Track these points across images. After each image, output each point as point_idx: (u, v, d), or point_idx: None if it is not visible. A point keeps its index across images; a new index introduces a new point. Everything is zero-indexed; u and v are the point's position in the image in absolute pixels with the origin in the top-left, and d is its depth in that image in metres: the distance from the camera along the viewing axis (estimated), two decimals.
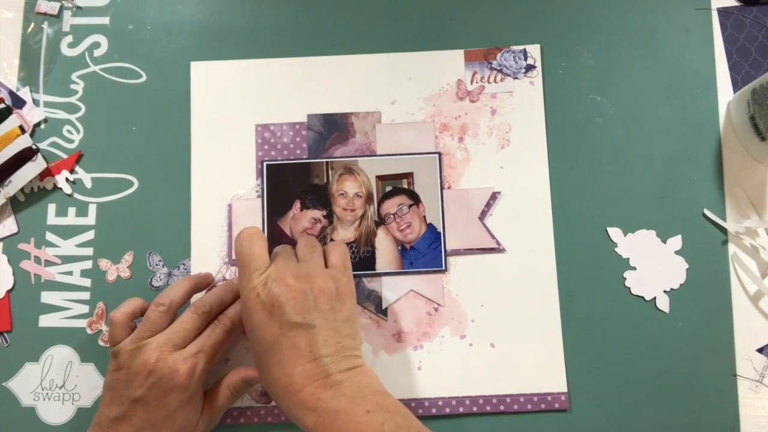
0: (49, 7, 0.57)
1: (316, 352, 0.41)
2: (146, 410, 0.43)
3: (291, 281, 0.42)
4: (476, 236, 0.52)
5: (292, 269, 0.43)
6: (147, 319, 0.46)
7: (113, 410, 0.44)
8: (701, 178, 0.53)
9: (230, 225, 0.53)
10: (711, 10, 0.56)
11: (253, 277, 0.42)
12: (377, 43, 0.56)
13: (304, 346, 0.41)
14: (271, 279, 0.42)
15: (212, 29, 0.57)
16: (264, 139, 0.55)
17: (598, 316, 0.52)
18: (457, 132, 0.54)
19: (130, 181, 0.55)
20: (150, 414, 0.43)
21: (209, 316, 0.47)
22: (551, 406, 0.50)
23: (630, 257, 0.52)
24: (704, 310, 0.51)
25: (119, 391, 0.44)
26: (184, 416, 0.44)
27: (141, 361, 0.43)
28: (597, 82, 0.55)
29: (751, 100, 0.51)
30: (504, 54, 0.55)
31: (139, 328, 0.46)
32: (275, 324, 0.41)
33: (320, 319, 0.41)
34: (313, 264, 0.44)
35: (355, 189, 0.53)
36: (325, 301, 0.42)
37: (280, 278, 0.42)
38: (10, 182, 0.53)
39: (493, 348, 0.51)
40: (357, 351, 0.43)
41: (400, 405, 0.41)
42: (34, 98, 0.56)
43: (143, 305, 0.47)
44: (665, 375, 0.51)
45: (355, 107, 0.55)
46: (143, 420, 0.43)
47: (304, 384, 0.40)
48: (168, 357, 0.44)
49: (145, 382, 0.43)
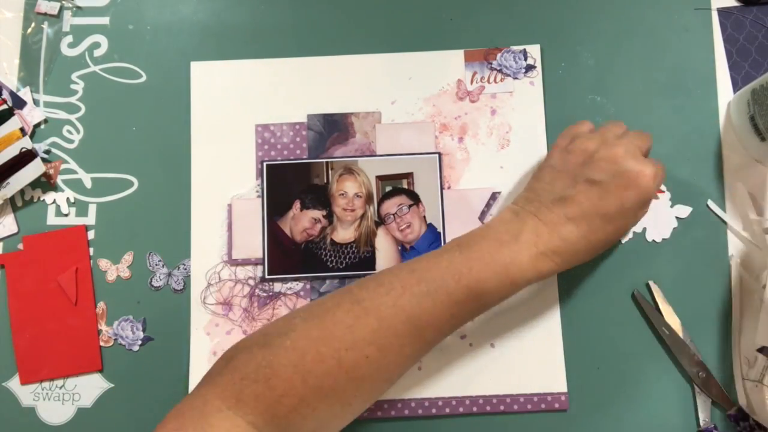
0: (49, 7, 0.57)
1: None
2: (602, 196, 0.42)
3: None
4: None
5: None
6: (608, 129, 0.46)
7: (558, 189, 0.43)
8: (701, 178, 0.53)
9: (230, 225, 0.53)
10: (711, 10, 0.56)
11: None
12: (377, 43, 0.56)
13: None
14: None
15: (212, 29, 0.57)
16: (264, 139, 0.55)
17: (598, 316, 0.52)
18: (457, 132, 0.54)
19: (130, 181, 0.55)
20: (605, 201, 0.42)
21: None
22: (551, 406, 0.50)
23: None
24: (704, 310, 0.51)
25: (571, 171, 0.43)
26: (633, 219, 0.44)
27: (608, 152, 0.43)
28: (597, 82, 0.55)
29: (751, 100, 0.51)
30: (504, 54, 0.55)
31: (602, 129, 0.46)
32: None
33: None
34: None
35: (355, 189, 0.53)
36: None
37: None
38: (8, 184, 0.53)
39: (493, 348, 0.51)
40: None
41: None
42: (34, 98, 0.56)
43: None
44: (665, 375, 0.51)
45: (355, 107, 0.55)
46: (595, 206, 0.42)
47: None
48: (635, 157, 0.42)
49: (608, 167, 0.42)
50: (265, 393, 0.39)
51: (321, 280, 0.52)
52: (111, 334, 0.52)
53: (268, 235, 0.53)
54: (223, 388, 0.40)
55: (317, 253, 0.53)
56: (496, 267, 0.42)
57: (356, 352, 0.40)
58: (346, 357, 0.40)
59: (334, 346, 0.40)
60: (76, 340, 0.52)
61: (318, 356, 0.40)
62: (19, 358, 0.52)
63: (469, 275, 0.41)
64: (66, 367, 0.52)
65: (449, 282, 0.41)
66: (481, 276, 0.41)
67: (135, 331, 0.52)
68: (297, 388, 0.39)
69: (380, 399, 0.50)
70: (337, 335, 0.40)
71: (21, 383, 0.51)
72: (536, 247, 0.42)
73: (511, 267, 0.42)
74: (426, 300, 0.41)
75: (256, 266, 0.53)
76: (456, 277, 0.41)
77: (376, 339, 0.40)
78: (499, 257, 0.42)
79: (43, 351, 0.52)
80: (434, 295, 0.41)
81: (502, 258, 0.42)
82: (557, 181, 0.44)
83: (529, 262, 0.42)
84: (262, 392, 0.39)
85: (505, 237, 0.43)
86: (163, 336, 0.52)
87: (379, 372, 0.41)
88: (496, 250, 0.42)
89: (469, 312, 0.43)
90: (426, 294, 0.41)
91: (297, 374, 0.39)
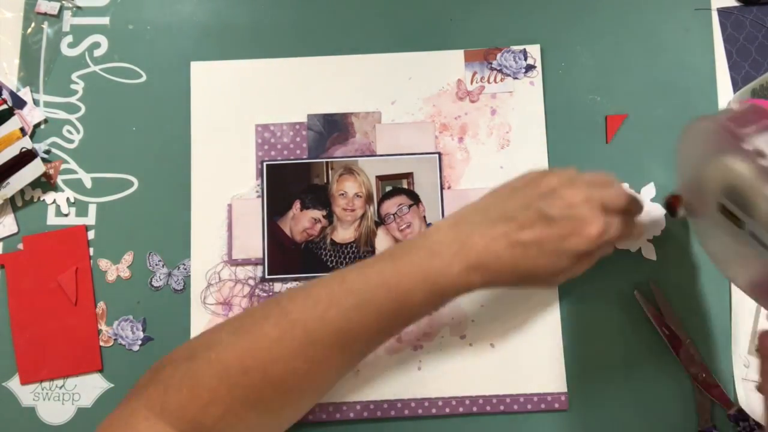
0: (49, 7, 0.57)
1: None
2: (544, 230, 0.41)
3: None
4: None
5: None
6: (587, 175, 0.45)
7: (509, 208, 0.43)
8: None
9: (230, 225, 0.53)
10: (711, 10, 0.56)
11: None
12: (377, 43, 0.56)
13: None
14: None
15: (212, 29, 0.57)
16: (264, 139, 0.55)
17: (598, 316, 0.52)
18: (457, 132, 0.54)
19: (130, 181, 0.55)
20: (546, 235, 0.41)
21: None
22: (551, 406, 0.50)
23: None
24: (704, 310, 0.51)
25: (528, 198, 0.43)
26: (567, 264, 0.43)
27: (568, 192, 0.42)
28: (597, 82, 0.55)
29: None
30: (504, 54, 0.55)
31: (583, 174, 0.45)
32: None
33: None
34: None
35: (355, 189, 0.53)
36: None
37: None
38: (8, 184, 0.53)
39: (493, 348, 0.51)
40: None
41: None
42: (34, 98, 0.56)
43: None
44: (665, 375, 0.51)
45: (355, 107, 0.55)
46: (535, 236, 0.41)
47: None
48: (592, 209, 0.42)
49: (562, 206, 0.41)
50: (190, 402, 0.39)
51: None
52: (111, 334, 0.52)
53: (268, 235, 0.53)
54: (148, 398, 0.40)
55: (317, 253, 0.53)
56: (425, 278, 0.41)
57: (283, 364, 0.40)
58: (273, 369, 0.40)
59: (261, 359, 0.40)
60: (76, 340, 0.52)
61: (243, 368, 0.40)
62: (19, 358, 0.52)
63: (397, 288, 0.41)
64: (66, 367, 0.52)
65: (378, 294, 0.41)
66: (409, 288, 0.41)
67: (135, 331, 0.52)
68: (223, 398, 0.40)
69: (380, 399, 0.50)
70: (264, 348, 0.40)
71: (21, 383, 0.51)
72: (467, 259, 0.41)
73: (441, 279, 0.41)
74: (354, 313, 0.41)
75: (256, 266, 0.53)
76: (384, 289, 0.41)
77: (304, 352, 0.41)
78: (429, 269, 0.41)
79: (43, 351, 0.52)
80: (362, 307, 0.41)
81: (432, 269, 0.41)
82: (510, 201, 0.43)
83: (459, 274, 0.41)
84: (187, 401, 0.39)
85: (437, 248, 0.42)
86: (163, 336, 0.52)
87: (308, 384, 0.42)
88: (427, 261, 0.42)
89: (398, 324, 0.43)
90: (354, 307, 0.41)
91: (222, 385, 0.40)
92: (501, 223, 0.42)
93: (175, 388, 0.40)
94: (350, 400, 0.50)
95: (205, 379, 0.40)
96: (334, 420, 0.50)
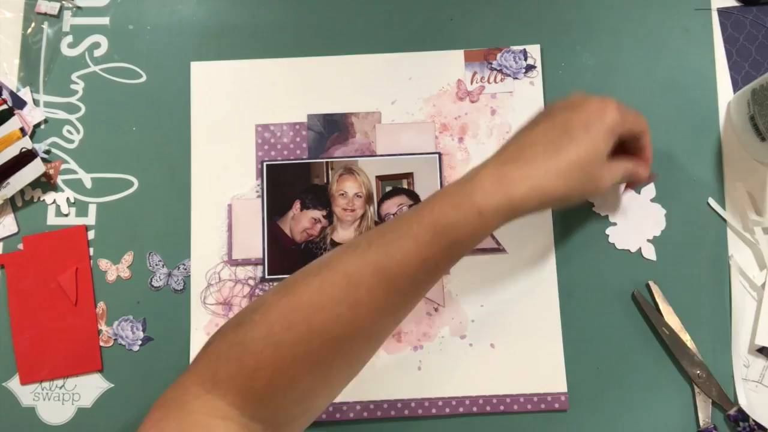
0: (49, 7, 0.57)
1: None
2: (578, 121, 0.42)
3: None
4: None
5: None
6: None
7: (541, 133, 0.43)
8: (701, 178, 0.53)
9: (230, 225, 0.53)
10: (711, 10, 0.56)
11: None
12: (377, 43, 0.56)
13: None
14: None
15: (212, 29, 0.57)
16: (264, 139, 0.55)
17: (598, 316, 0.52)
18: (457, 132, 0.54)
19: (130, 181, 0.55)
20: (566, 126, 0.42)
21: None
22: (551, 406, 0.50)
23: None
24: (704, 310, 0.51)
25: (550, 119, 0.43)
26: (597, 141, 0.42)
27: (581, 96, 0.44)
28: (597, 82, 0.55)
29: (751, 100, 0.51)
30: (504, 54, 0.55)
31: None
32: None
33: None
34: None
35: (355, 189, 0.53)
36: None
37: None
38: (8, 184, 0.53)
39: (493, 348, 0.51)
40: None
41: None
42: (34, 98, 0.56)
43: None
44: (665, 375, 0.51)
45: (355, 107, 0.55)
46: (562, 126, 0.42)
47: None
48: (607, 99, 0.43)
49: (580, 102, 0.43)
50: (239, 370, 0.38)
51: None
52: (111, 334, 0.52)
53: (268, 235, 0.53)
54: (199, 374, 0.39)
55: (317, 253, 0.53)
56: (458, 199, 0.40)
57: (326, 312, 0.39)
58: (316, 319, 0.39)
59: (303, 312, 0.39)
60: (76, 340, 0.52)
61: (287, 324, 0.38)
62: (19, 358, 0.52)
63: (431, 214, 0.40)
64: (66, 367, 0.52)
65: (413, 225, 0.40)
66: (444, 212, 0.40)
67: (135, 331, 0.52)
68: (269, 360, 0.38)
69: (380, 399, 0.50)
70: (306, 300, 0.39)
71: (21, 383, 0.51)
72: (499, 172, 0.41)
73: (474, 195, 0.40)
74: (392, 248, 0.39)
75: (256, 266, 0.53)
76: (418, 219, 0.40)
77: (346, 296, 0.39)
78: (461, 190, 0.40)
79: (43, 351, 0.52)
80: (400, 241, 0.40)
81: (463, 190, 0.40)
82: (536, 129, 0.43)
83: (492, 186, 0.40)
84: (236, 370, 0.38)
85: (468, 175, 0.42)
86: (163, 336, 0.52)
87: (355, 331, 0.40)
88: (459, 185, 0.41)
89: (441, 254, 0.40)
90: (391, 242, 0.40)
91: (268, 346, 0.38)
92: (540, 158, 0.41)
93: (223, 358, 0.39)
94: (350, 400, 0.50)
95: (251, 343, 0.38)
96: (334, 420, 0.50)
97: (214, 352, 0.39)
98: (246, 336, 0.39)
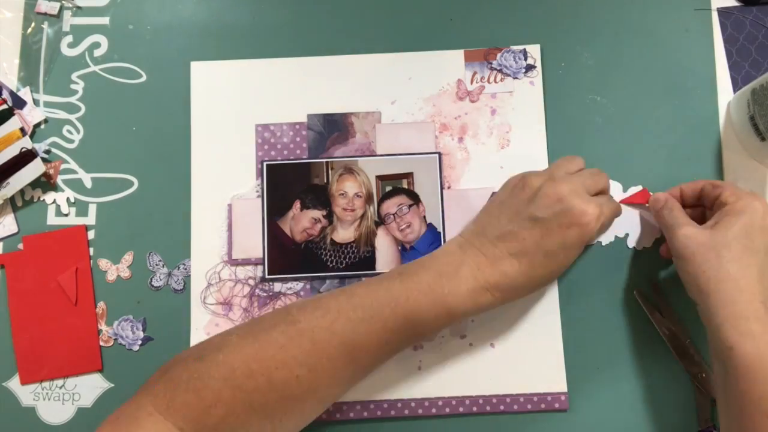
0: (49, 7, 0.57)
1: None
2: (544, 234, 0.42)
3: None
4: None
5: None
6: (558, 165, 0.47)
7: (503, 224, 0.44)
8: (701, 178, 0.53)
9: (230, 225, 0.53)
10: (711, 10, 0.56)
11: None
12: (377, 43, 0.56)
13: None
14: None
15: (212, 29, 0.57)
16: (264, 139, 0.55)
17: (598, 316, 0.52)
18: (457, 132, 0.54)
19: (130, 181, 0.55)
20: (546, 239, 0.42)
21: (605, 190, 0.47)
22: (551, 406, 0.50)
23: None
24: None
25: (516, 207, 0.44)
26: (576, 254, 0.44)
27: (552, 189, 0.43)
28: (597, 82, 0.55)
29: (751, 100, 0.51)
30: (504, 54, 0.55)
31: (553, 166, 0.47)
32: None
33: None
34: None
35: (355, 189, 0.53)
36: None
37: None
38: (8, 184, 0.53)
39: (493, 348, 0.51)
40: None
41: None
42: (34, 98, 0.56)
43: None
44: (665, 375, 0.51)
45: (355, 107, 0.55)
46: (536, 243, 0.42)
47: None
48: (580, 196, 0.43)
49: (552, 205, 0.42)
50: (195, 402, 0.40)
51: (321, 280, 0.52)
52: (111, 334, 0.52)
53: (268, 235, 0.53)
54: (155, 395, 0.41)
55: (317, 253, 0.53)
56: (433, 297, 0.42)
57: (287, 371, 0.41)
58: (277, 375, 0.41)
59: (266, 364, 0.41)
60: (76, 340, 0.52)
61: (248, 372, 0.41)
62: (19, 358, 0.52)
63: (405, 304, 0.42)
64: (66, 367, 0.52)
65: (385, 310, 0.42)
66: (417, 305, 0.42)
67: (135, 331, 0.52)
68: (226, 400, 0.40)
69: (380, 399, 0.50)
70: (270, 353, 0.41)
71: (21, 383, 0.51)
72: (476, 280, 0.43)
73: (449, 298, 0.42)
74: (361, 326, 0.42)
75: (256, 266, 0.53)
76: (392, 305, 0.42)
77: (308, 360, 0.41)
78: (438, 288, 0.43)
79: (43, 351, 0.52)
80: (369, 321, 0.42)
81: (440, 289, 0.42)
82: (503, 216, 0.45)
83: (467, 294, 0.43)
84: (193, 401, 0.40)
85: (446, 269, 0.43)
86: (163, 336, 0.52)
87: (310, 393, 0.42)
88: (436, 281, 0.43)
89: (404, 340, 0.44)
90: (361, 320, 0.42)
91: (227, 387, 0.40)
92: (501, 242, 0.43)
93: (182, 387, 0.40)
94: (350, 400, 0.50)
95: (211, 380, 0.40)
96: (334, 420, 0.50)
97: (174, 380, 0.41)
98: (208, 372, 0.41)
